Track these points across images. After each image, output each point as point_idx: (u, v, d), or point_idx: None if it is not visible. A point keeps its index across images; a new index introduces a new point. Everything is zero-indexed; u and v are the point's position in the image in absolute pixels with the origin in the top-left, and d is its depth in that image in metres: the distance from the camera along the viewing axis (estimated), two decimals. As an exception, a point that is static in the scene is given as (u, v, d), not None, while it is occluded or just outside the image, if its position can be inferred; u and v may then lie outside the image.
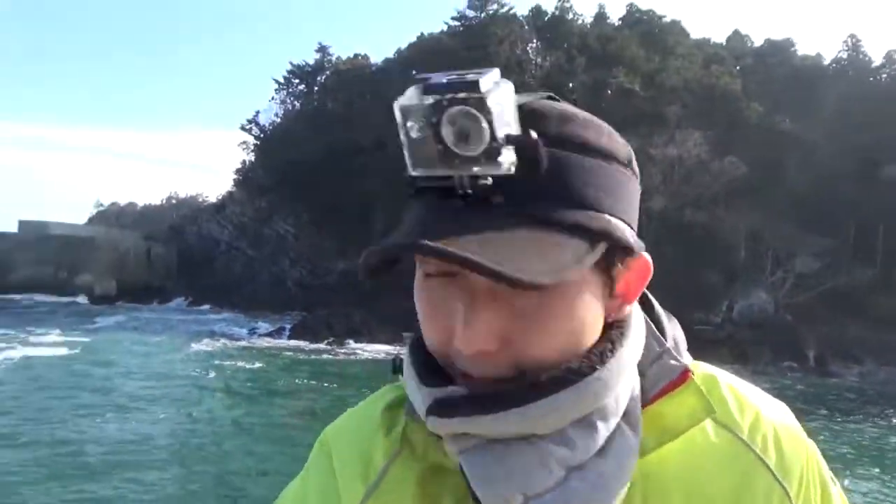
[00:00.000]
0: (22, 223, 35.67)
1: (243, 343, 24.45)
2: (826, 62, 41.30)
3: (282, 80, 44.47)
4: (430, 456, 0.62)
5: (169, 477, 9.48)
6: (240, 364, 19.93)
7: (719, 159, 30.51)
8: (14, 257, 33.79)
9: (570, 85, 36.58)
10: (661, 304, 0.68)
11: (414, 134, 0.49)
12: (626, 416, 0.57)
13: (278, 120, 43.46)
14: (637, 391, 0.59)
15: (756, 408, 0.64)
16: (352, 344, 24.26)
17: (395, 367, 0.66)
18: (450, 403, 0.55)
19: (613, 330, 0.58)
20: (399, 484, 0.63)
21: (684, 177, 30.52)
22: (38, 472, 9.31)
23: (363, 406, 0.71)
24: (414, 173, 0.51)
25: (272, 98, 44.96)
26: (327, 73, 44.01)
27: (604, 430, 0.55)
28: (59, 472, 9.43)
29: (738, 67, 39.86)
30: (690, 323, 24.15)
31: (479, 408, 0.53)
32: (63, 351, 20.18)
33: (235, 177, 42.91)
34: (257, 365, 20.04)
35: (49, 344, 21.42)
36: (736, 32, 46.62)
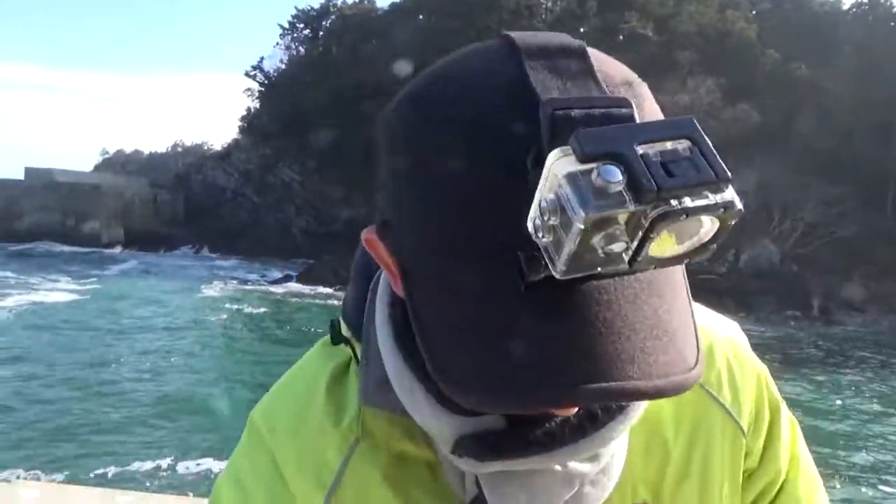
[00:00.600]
0: (28, 170, 35.70)
1: (250, 288, 24.73)
2: (846, 6, 40.08)
3: (286, 26, 43.64)
4: (392, 445, 0.55)
5: (178, 418, 9.72)
6: (248, 309, 20.23)
7: (732, 107, 30.00)
8: (21, 204, 33.97)
9: (582, 30, 35.71)
10: None
11: (599, 245, 0.35)
12: None
13: (283, 66, 42.79)
14: None
15: (708, 340, 0.60)
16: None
17: (335, 334, 0.58)
18: (493, 442, 0.47)
19: None
20: (361, 483, 0.55)
21: (695, 125, 30.13)
22: (48, 418, 9.49)
23: (300, 381, 0.60)
24: (557, 276, 0.36)
25: (277, 44, 44.13)
26: (332, 17, 43.11)
27: (620, 436, 0.51)
28: (69, 415, 9.62)
29: (754, 13, 38.76)
30: (694, 273, 24.19)
31: (530, 447, 0.46)
32: (74, 297, 20.48)
33: (241, 124, 42.61)
34: (264, 309, 20.33)
35: (60, 290, 21.71)
36: (753, -25, 45.25)
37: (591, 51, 0.43)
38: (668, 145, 0.35)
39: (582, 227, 0.33)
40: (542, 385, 0.38)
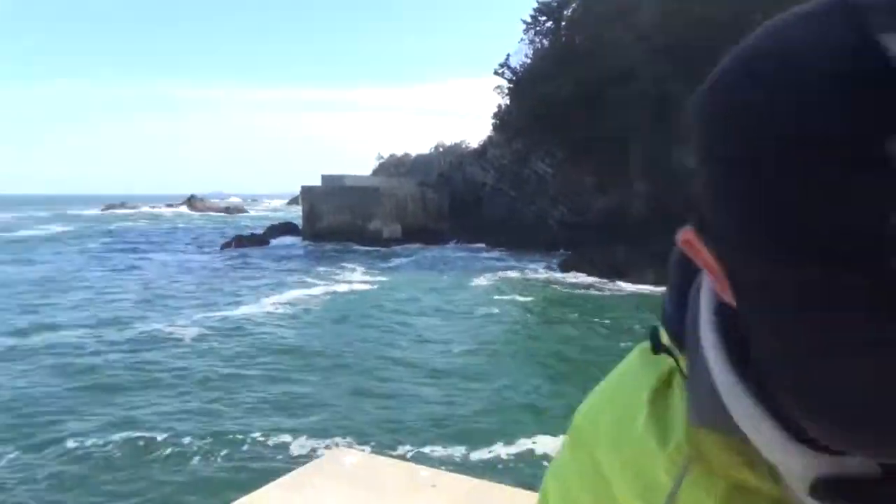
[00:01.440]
0: (324, 177, 42.05)
1: (516, 278, 26.39)
2: None
3: (529, 20, 45.05)
4: (730, 473, 0.46)
5: (465, 402, 10.47)
6: (516, 297, 21.82)
7: None
8: (321, 207, 40.30)
9: None
10: None
11: None
12: None
13: (528, 60, 44.28)
14: None
15: None
16: (618, 282, 24.36)
17: (655, 344, 0.52)
18: (870, 491, 0.37)
19: None
20: None
21: None
22: (365, 395, 10.88)
23: (622, 391, 0.56)
24: None
25: (521, 39, 45.79)
26: (573, 6, 43.47)
27: None
28: (381, 394, 10.93)
29: None
30: None
31: None
32: (367, 287, 24.09)
33: (493, 121, 44.99)
34: (531, 298, 21.74)
35: (356, 281, 25.67)
36: None
37: None
38: None
39: None
40: None
